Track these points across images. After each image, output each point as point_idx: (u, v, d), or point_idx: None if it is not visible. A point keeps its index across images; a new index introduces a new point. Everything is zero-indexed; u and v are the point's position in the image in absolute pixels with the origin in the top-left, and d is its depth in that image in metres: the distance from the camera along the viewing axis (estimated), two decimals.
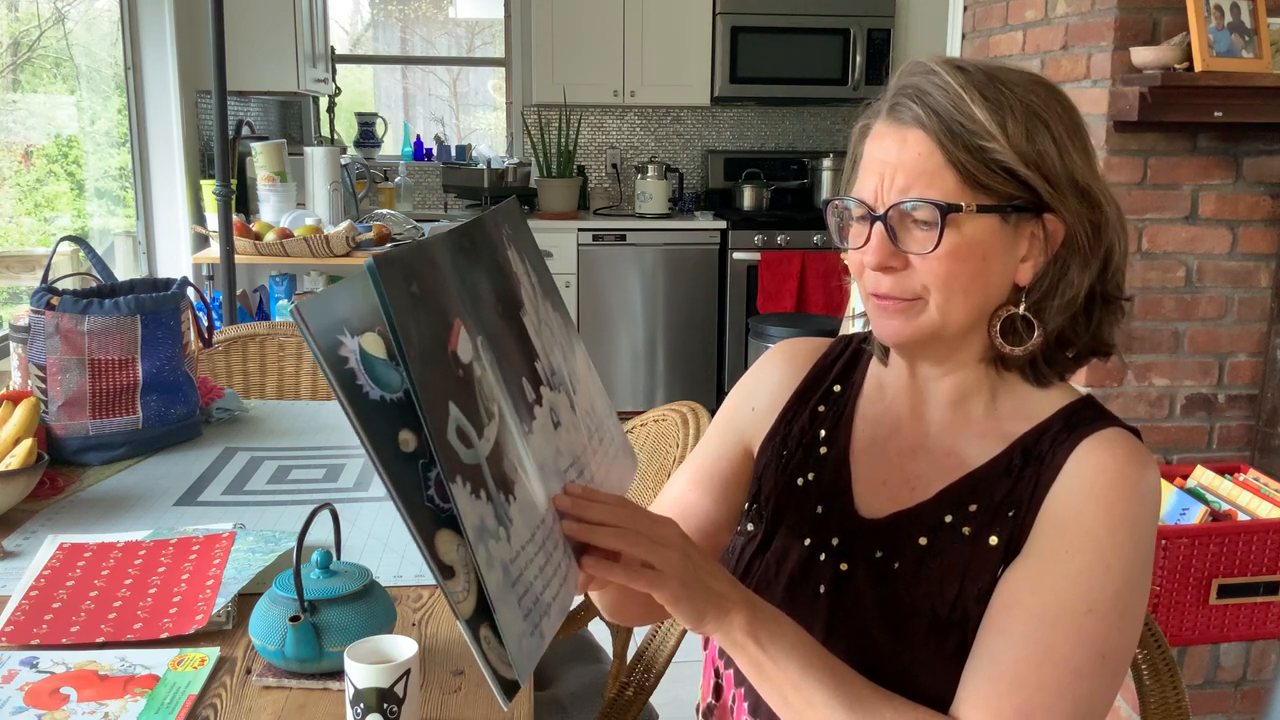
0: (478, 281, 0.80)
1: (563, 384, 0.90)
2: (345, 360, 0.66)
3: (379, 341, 0.69)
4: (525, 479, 0.78)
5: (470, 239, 0.81)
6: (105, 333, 1.71)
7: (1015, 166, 0.90)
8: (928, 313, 0.93)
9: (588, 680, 1.73)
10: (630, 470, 1.02)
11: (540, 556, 0.77)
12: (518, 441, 0.78)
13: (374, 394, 0.68)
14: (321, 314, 0.66)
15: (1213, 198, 2.54)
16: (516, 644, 0.72)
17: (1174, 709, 1.25)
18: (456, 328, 0.74)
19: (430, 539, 0.69)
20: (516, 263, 0.88)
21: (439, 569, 0.69)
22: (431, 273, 0.73)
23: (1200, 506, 2.23)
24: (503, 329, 0.82)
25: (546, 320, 0.91)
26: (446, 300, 0.74)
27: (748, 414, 1.12)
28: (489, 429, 0.75)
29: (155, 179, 3.79)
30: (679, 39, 5.03)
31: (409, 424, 0.69)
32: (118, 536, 1.40)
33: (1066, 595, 0.88)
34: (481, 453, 0.73)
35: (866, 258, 0.94)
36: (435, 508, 0.70)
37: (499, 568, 0.72)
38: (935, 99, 0.91)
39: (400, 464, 0.68)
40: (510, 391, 0.79)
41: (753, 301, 4.90)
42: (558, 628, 0.80)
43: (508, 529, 0.74)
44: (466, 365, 0.74)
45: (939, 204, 0.89)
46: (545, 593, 0.77)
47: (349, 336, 0.67)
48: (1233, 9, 2.34)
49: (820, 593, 0.99)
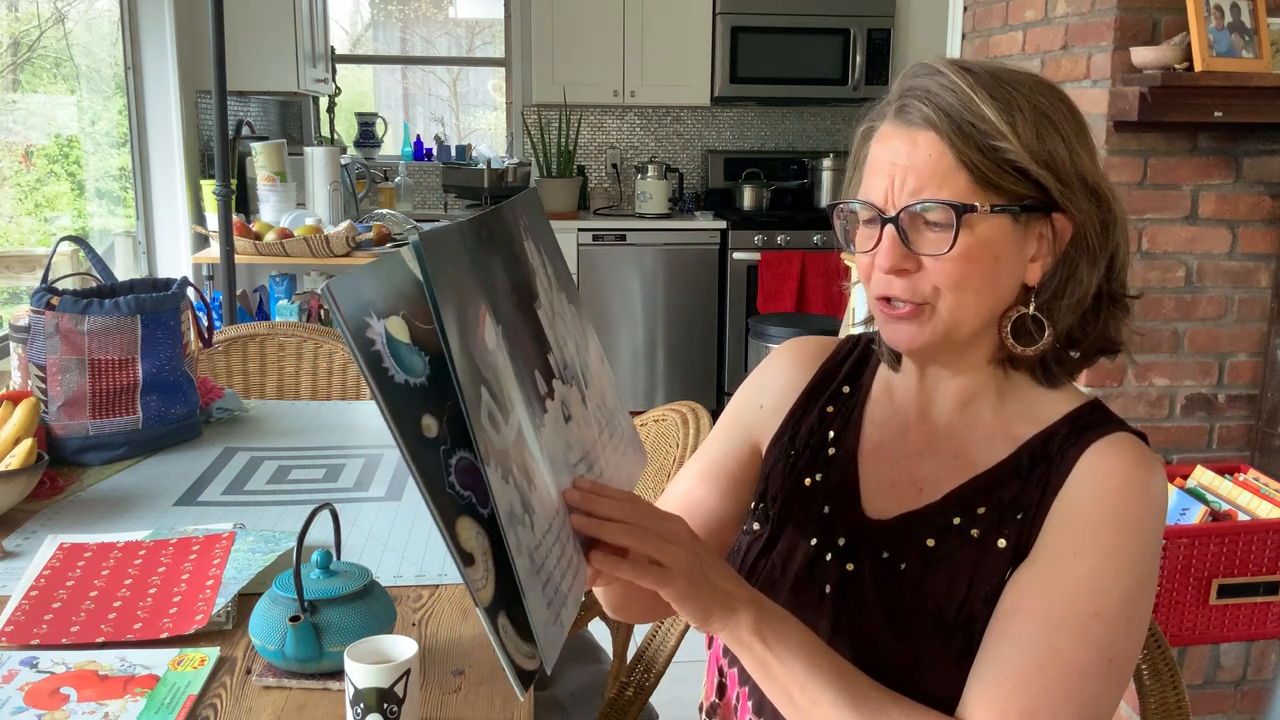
0: (495, 271, 0.80)
1: (574, 377, 0.90)
2: (372, 343, 0.66)
3: (403, 325, 0.69)
4: (539, 470, 0.78)
5: (488, 228, 0.81)
6: (105, 333, 1.71)
7: (1027, 166, 0.90)
8: (938, 317, 0.93)
9: (588, 680, 1.73)
10: (639, 465, 1.02)
11: (557, 548, 0.77)
12: (530, 434, 0.78)
13: (399, 378, 0.67)
14: (351, 295, 0.65)
15: (1213, 198, 2.54)
16: (543, 630, 0.73)
17: (1174, 709, 1.25)
18: (483, 314, 0.74)
19: (452, 525, 0.69)
20: (533, 253, 0.88)
21: (460, 556, 0.69)
22: (463, 257, 0.74)
23: (1200, 506, 2.23)
24: (517, 320, 0.81)
25: (560, 312, 0.91)
26: (475, 286, 0.74)
27: (755, 412, 1.12)
28: (511, 417, 0.75)
29: (155, 179, 3.79)
30: (679, 39, 5.03)
31: (430, 409, 0.69)
32: (118, 536, 1.40)
33: (1074, 598, 0.88)
34: (508, 440, 0.73)
35: (878, 260, 0.93)
36: (455, 494, 0.70)
37: (526, 554, 0.72)
38: (944, 99, 0.90)
39: (423, 450, 0.68)
40: (523, 384, 0.79)
41: (753, 301, 4.90)
42: (574, 619, 0.80)
43: (531, 516, 0.74)
44: (493, 352, 0.74)
45: (954, 205, 0.89)
46: (563, 583, 0.77)
47: (375, 319, 0.67)
48: (1233, 9, 2.34)
49: (826, 593, 0.99)
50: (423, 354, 0.69)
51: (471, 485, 0.71)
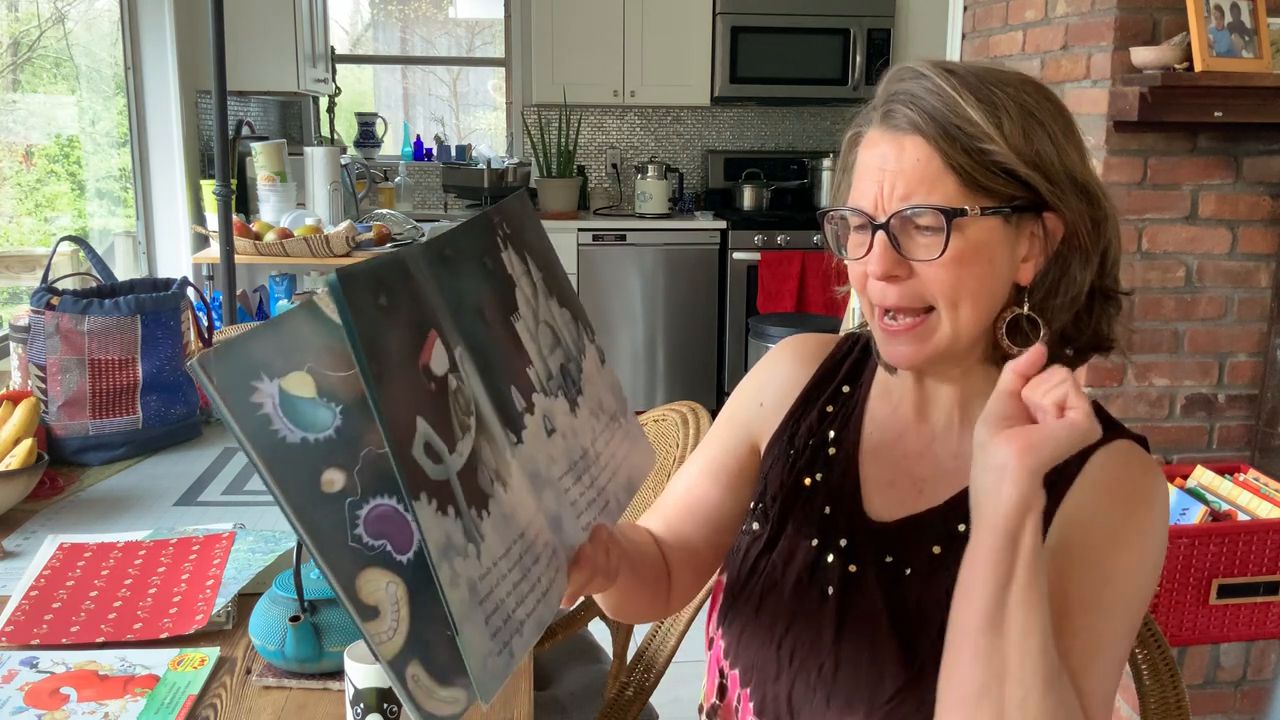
0: (461, 289, 0.77)
1: (561, 388, 0.88)
2: (259, 405, 0.64)
3: (306, 380, 0.66)
4: (503, 493, 0.76)
5: (454, 246, 0.79)
6: (105, 333, 1.71)
7: (1015, 167, 0.89)
8: (940, 330, 0.92)
9: (588, 680, 1.73)
10: (644, 466, 0.99)
11: (515, 572, 0.75)
12: (504, 452, 0.76)
13: (292, 437, 0.65)
14: (232, 362, 0.63)
15: (1213, 198, 2.54)
16: (481, 663, 0.70)
17: (1174, 709, 1.25)
18: (431, 339, 0.72)
19: (350, 582, 0.67)
20: (514, 264, 0.86)
21: (359, 611, 0.66)
22: (404, 284, 0.71)
23: (1200, 506, 2.23)
24: (490, 336, 0.79)
25: (548, 320, 0.89)
26: (421, 312, 0.72)
27: (755, 410, 1.12)
28: (463, 443, 0.73)
29: (155, 179, 3.78)
30: (679, 39, 5.03)
31: (337, 462, 0.67)
32: (118, 536, 1.40)
33: (1080, 607, 0.88)
34: (453, 468, 0.71)
35: (870, 267, 0.92)
36: (360, 547, 0.67)
37: (464, 585, 0.70)
38: (929, 103, 0.90)
39: (319, 507, 0.66)
40: (496, 401, 0.77)
41: (753, 301, 4.90)
42: (531, 645, 0.77)
43: (478, 545, 0.72)
44: (440, 378, 0.72)
45: (944, 209, 0.89)
46: (519, 610, 0.75)
47: (266, 380, 0.65)
48: (1233, 9, 2.34)
49: (829, 594, 0.99)
50: (332, 404, 0.67)
51: (386, 533, 0.69)
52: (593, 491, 0.88)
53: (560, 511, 0.83)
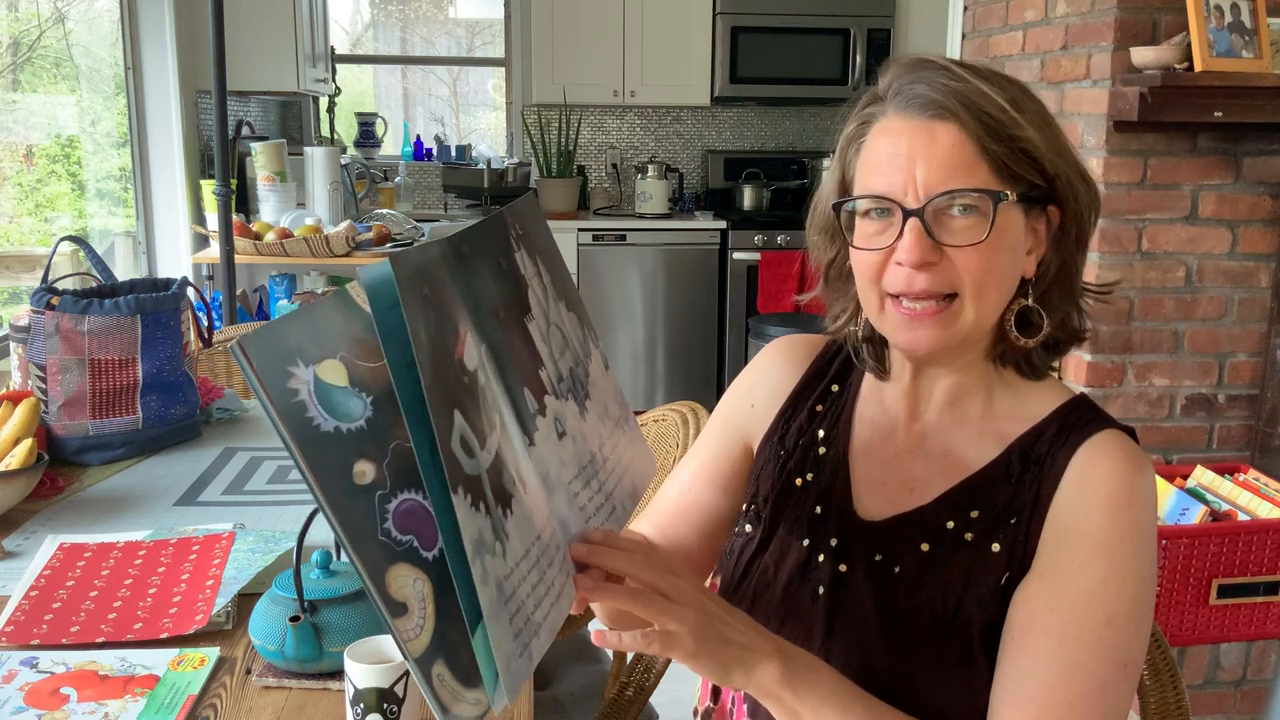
0: (479, 288, 0.77)
1: (571, 391, 0.87)
2: (295, 392, 0.63)
3: (339, 368, 0.66)
4: (523, 493, 0.75)
5: (471, 244, 0.78)
6: (105, 333, 1.71)
7: (1042, 155, 0.90)
8: (964, 317, 0.92)
9: (588, 680, 1.73)
10: (646, 474, 0.99)
11: (534, 574, 0.74)
12: (519, 454, 0.76)
13: (326, 425, 0.65)
14: (270, 345, 0.63)
15: (1213, 198, 2.54)
16: (506, 664, 0.69)
17: (1174, 709, 1.25)
18: (464, 334, 0.72)
19: (381, 576, 0.66)
20: (526, 265, 0.85)
21: (389, 607, 0.66)
22: (440, 277, 0.71)
23: (1200, 506, 2.23)
24: (505, 337, 0.79)
25: (558, 323, 0.88)
26: (453, 306, 0.72)
27: (747, 411, 1.12)
28: (490, 440, 0.72)
29: (155, 179, 3.79)
30: (679, 39, 5.03)
31: (368, 454, 0.66)
32: (118, 536, 1.40)
33: (1086, 612, 0.88)
34: (483, 464, 0.70)
35: (903, 255, 0.90)
36: (389, 541, 0.67)
37: (494, 584, 0.69)
38: (960, 90, 0.89)
39: (351, 499, 0.65)
40: (512, 402, 0.77)
41: (753, 301, 4.90)
42: (545, 650, 0.76)
43: (504, 544, 0.71)
44: (471, 373, 0.72)
45: (989, 191, 0.88)
46: (536, 612, 0.74)
47: (302, 366, 0.64)
48: (1233, 9, 2.34)
49: (819, 594, 0.99)
50: (364, 395, 0.67)
51: (414, 528, 0.68)
52: (600, 496, 0.87)
53: (569, 515, 0.82)
